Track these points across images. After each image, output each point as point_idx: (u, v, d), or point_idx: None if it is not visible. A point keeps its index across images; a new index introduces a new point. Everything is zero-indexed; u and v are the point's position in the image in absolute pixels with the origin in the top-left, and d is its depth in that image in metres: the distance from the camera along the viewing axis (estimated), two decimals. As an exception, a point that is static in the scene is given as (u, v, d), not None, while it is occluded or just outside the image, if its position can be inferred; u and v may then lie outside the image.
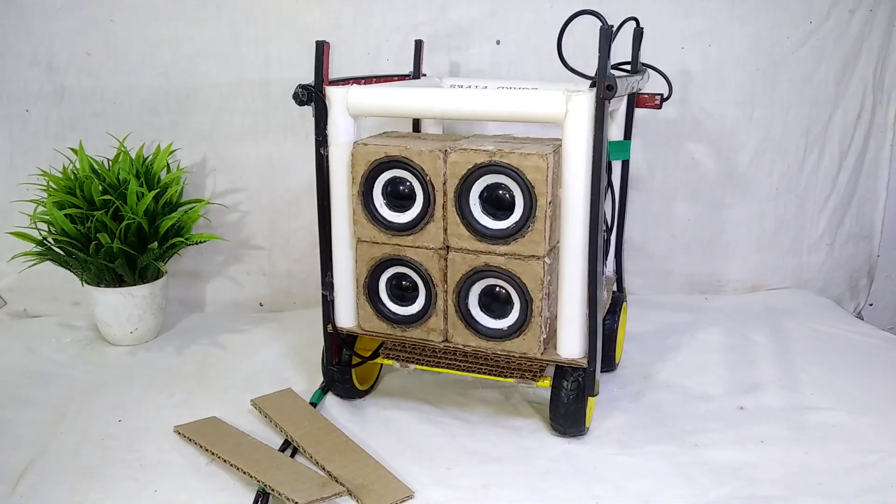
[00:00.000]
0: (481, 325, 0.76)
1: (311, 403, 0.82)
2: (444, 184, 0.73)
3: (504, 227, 0.72)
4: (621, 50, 0.85)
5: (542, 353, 0.75)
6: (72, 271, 0.99)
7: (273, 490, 0.64)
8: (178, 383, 0.90)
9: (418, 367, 0.80)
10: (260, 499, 0.65)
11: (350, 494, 0.66)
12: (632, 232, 1.17)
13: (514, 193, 0.71)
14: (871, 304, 1.32)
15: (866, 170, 1.24)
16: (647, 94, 0.92)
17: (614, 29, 0.69)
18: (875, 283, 1.31)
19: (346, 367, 0.83)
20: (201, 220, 1.07)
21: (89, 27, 1.09)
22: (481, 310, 0.76)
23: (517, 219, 0.71)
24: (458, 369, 0.80)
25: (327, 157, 0.77)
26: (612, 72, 0.67)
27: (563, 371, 0.75)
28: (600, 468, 0.71)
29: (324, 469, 0.70)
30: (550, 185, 0.70)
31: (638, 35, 0.90)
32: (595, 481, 0.69)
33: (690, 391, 0.88)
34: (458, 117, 0.99)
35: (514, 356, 0.76)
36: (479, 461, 0.73)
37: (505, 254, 0.72)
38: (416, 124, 0.99)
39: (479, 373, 0.79)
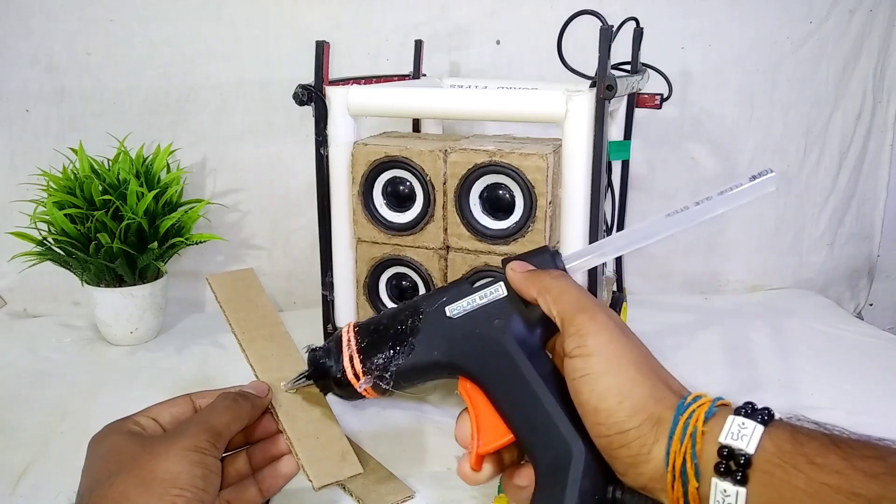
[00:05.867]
0: (481, 325, 0.76)
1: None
2: (444, 184, 0.73)
3: (504, 227, 0.72)
4: (621, 50, 0.85)
5: (542, 353, 0.75)
6: (72, 271, 0.99)
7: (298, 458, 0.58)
8: (178, 383, 0.90)
9: (418, 367, 0.80)
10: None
11: (351, 495, 0.66)
12: (632, 232, 1.17)
13: (514, 193, 0.71)
14: (871, 304, 1.32)
15: (866, 170, 1.24)
16: (647, 94, 0.92)
17: (614, 29, 0.69)
18: (875, 283, 1.31)
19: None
20: (201, 220, 1.07)
21: (89, 27, 1.09)
22: (481, 310, 0.76)
23: (517, 219, 0.71)
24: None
25: (327, 157, 0.77)
26: (612, 72, 0.67)
27: (563, 371, 0.75)
28: (600, 468, 0.71)
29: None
30: (550, 185, 0.70)
31: (638, 35, 0.90)
32: (595, 481, 0.69)
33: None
34: (458, 117, 0.99)
35: (514, 356, 0.76)
36: (479, 461, 0.72)
37: (505, 254, 0.72)
38: (416, 124, 0.99)
39: (479, 373, 0.79)
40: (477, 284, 0.49)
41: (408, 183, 0.75)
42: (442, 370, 0.49)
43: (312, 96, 0.75)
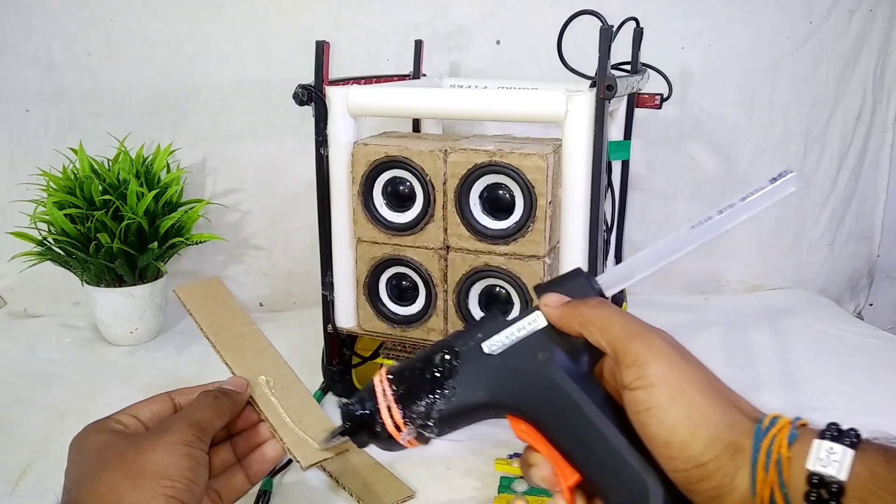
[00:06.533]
0: (481, 325, 0.76)
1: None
2: (444, 184, 0.73)
3: (504, 227, 0.72)
4: (621, 50, 0.85)
5: (542, 353, 0.74)
6: (72, 271, 0.99)
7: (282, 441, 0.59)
8: (178, 383, 0.89)
9: (418, 367, 0.80)
10: (261, 499, 0.65)
11: (351, 495, 0.66)
12: (632, 232, 1.17)
13: (514, 193, 0.71)
14: (871, 304, 1.32)
15: (866, 170, 1.24)
16: (647, 94, 0.92)
17: (614, 29, 0.69)
18: (875, 283, 1.31)
19: (346, 367, 0.83)
20: (201, 220, 1.07)
21: (89, 27, 1.09)
22: (481, 310, 0.76)
23: (517, 219, 0.71)
24: None
25: (327, 157, 0.77)
26: (612, 72, 0.67)
27: (563, 371, 0.75)
28: (600, 468, 0.71)
29: (324, 469, 0.70)
30: (550, 185, 0.70)
31: (638, 35, 0.90)
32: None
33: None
34: (458, 117, 0.99)
35: (514, 356, 0.76)
36: (480, 461, 0.73)
37: (505, 254, 0.72)
38: (416, 124, 0.99)
39: (479, 373, 0.79)
40: (512, 317, 0.46)
41: (408, 183, 0.75)
42: (488, 410, 0.46)
43: (312, 96, 0.75)
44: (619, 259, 0.98)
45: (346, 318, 0.82)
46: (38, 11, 1.08)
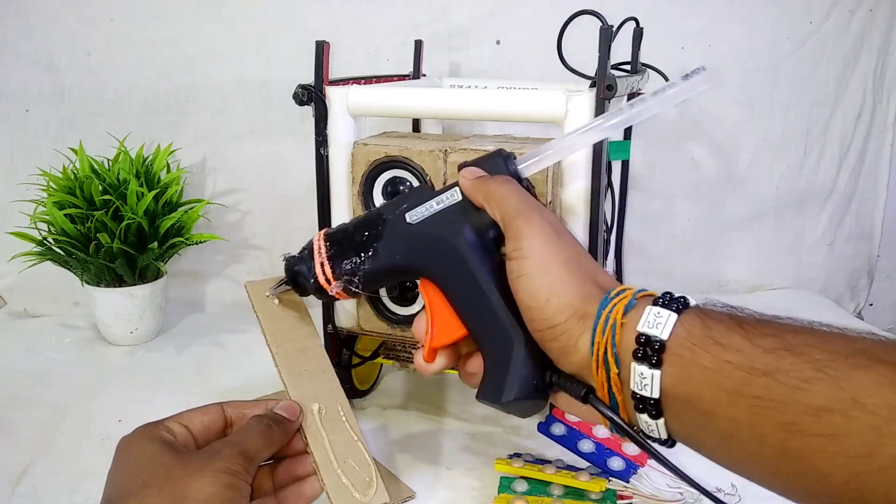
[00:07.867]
0: (481, 325, 0.75)
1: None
2: (444, 184, 0.73)
3: (504, 227, 0.72)
4: (621, 50, 0.85)
5: (542, 353, 0.74)
6: (72, 271, 0.99)
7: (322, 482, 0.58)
8: (178, 383, 0.90)
9: (418, 367, 0.80)
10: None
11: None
12: (632, 232, 1.17)
13: (514, 193, 0.71)
14: (871, 304, 1.32)
15: (866, 170, 1.24)
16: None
17: (614, 29, 0.69)
18: (875, 283, 1.31)
19: (346, 367, 0.83)
20: (201, 220, 1.07)
21: (89, 27, 1.09)
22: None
23: (517, 219, 0.71)
24: (457, 369, 0.79)
25: (327, 157, 0.77)
26: (612, 72, 0.67)
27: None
28: (600, 468, 0.71)
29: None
30: (550, 185, 0.70)
31: (638, 35, 0.90)
32: (595, 481, 0.69)
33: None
34: (458, 117, 0.99)
35: (514, 356, 0.76)
36: (480, 461, 0.73)
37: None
38: (416, 124, 0.99)
39: (479, 373, 0.79)
40: (436, 190, 0.53)
41: (408, 183, 0.75)
42: (404, 273, 0.53)
43: (312, 96, 0.75)
44: (619, 259, 0.98)
45: (346, 318, 0.82)
46: (38, 11, 1.08)
